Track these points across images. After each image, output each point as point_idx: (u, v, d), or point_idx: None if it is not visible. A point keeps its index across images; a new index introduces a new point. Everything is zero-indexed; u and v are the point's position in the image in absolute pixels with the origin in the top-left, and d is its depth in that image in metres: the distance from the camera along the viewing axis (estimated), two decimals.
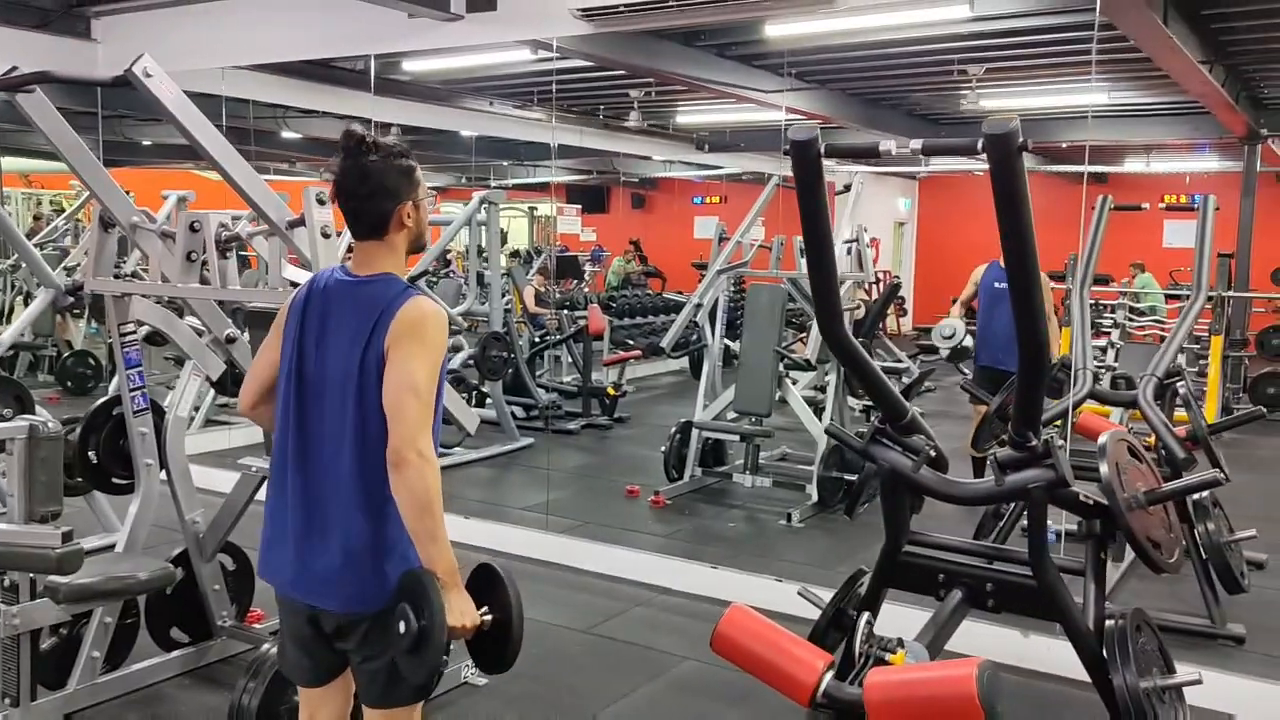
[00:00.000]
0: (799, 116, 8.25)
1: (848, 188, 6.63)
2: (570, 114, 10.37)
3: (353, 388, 2.07)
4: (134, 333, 3.44)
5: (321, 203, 2.92)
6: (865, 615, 2.51)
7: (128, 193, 9.36)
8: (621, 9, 4.53)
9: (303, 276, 3.23)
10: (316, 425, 2.13)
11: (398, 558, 2.09)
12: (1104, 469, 2.88)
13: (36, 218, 12.16)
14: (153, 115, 10.27)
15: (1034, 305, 2.38)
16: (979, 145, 2.20)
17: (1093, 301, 9.14)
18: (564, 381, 9.29)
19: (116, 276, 3.64)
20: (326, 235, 2.92)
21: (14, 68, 2.98)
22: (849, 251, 6.45)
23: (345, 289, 2.15)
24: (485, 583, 2.15)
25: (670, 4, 4.35)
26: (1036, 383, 2.61)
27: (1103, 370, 5.40)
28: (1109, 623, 2.84)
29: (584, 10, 4.64)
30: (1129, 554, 4.53)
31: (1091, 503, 2.98)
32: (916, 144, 2.33)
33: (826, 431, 3.70)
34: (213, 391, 6.99)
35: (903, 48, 7.07)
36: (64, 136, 3.11)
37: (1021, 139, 2.15)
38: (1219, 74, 7.00)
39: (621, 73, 8.09)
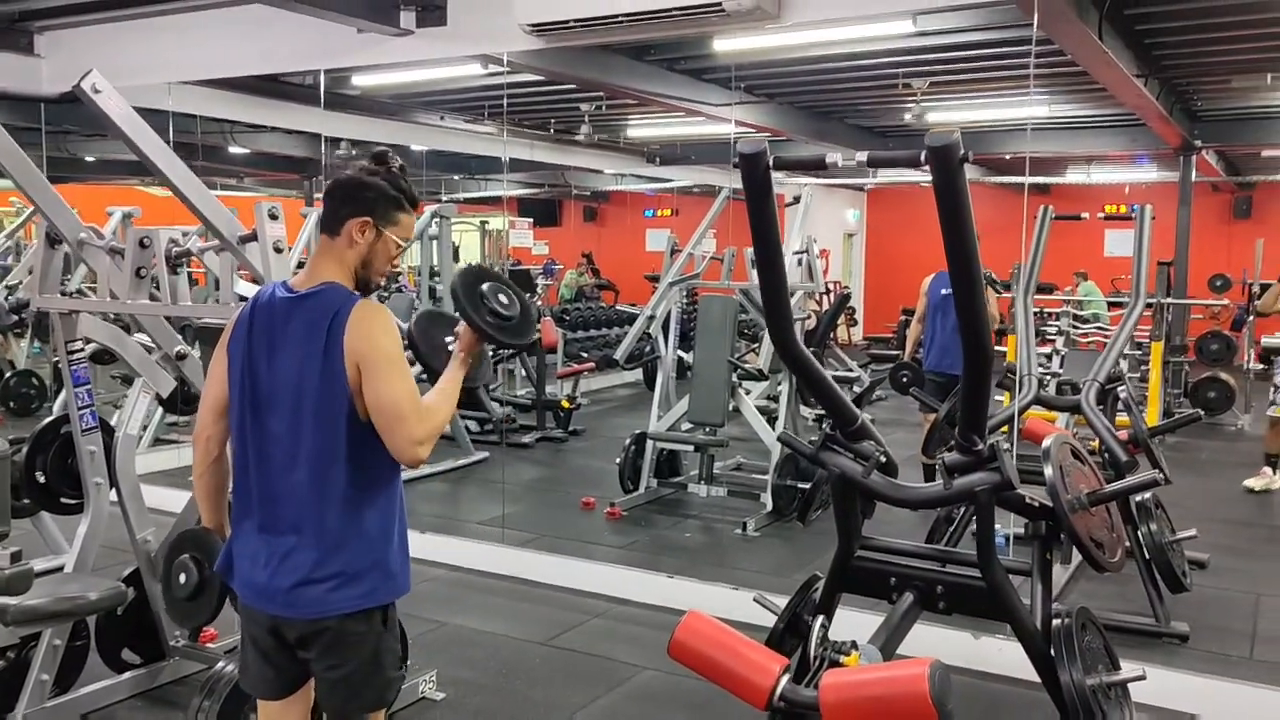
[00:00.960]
0: (748, 130, 8.37)
1: (797, 199, 6.72)
2: (522, 128, 10.41)
3: (310, 401, 2.08)
4: (81, 350, 3.39)
5: (274, 217, 2.92)
6: (820, 619, 2.56)
7: (72, 209, 9.16)
8: (572, 24, 4.56)
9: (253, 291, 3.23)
10: (274, 440, 2.13)
11: (361, 566, 2.11)
12: (1048, 471, 2.96)
13: None
14: (97, 131, 10.20)
15: (977, 311, 2.45)
16: (922, 157, 2.26)
17: (1037, 309, 9.36)
18: (517, 395, 9.27)
19: (63, 294, 3.59)
20: (279, 250, 2.91)
21: None
22: (799, 263, 6.55)
23: (289, 305, 2.16)
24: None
25: (620, 18, 4.39)
26: (982, 388, 2.68)
27: (1047, 376, 5.54)
28: (1055, 622, 2.92)
29: (534, 25, 4.66)
30: (1076, 555, 4.64)
31: (1037, 504, 3.06)
32: (862, 156, 2.39)
33: (779, 439, 3.75)
34: (161, 410, 6.89)
35: (848, 62, 7.20)
36: (9, 151, 3.07)
37: (963, 151, 2.22)
38: (1154, 87, 7.21)
39: (572, 87, 8.14)
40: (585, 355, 10.65)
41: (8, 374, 8.98)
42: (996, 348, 6.23)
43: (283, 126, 9.00)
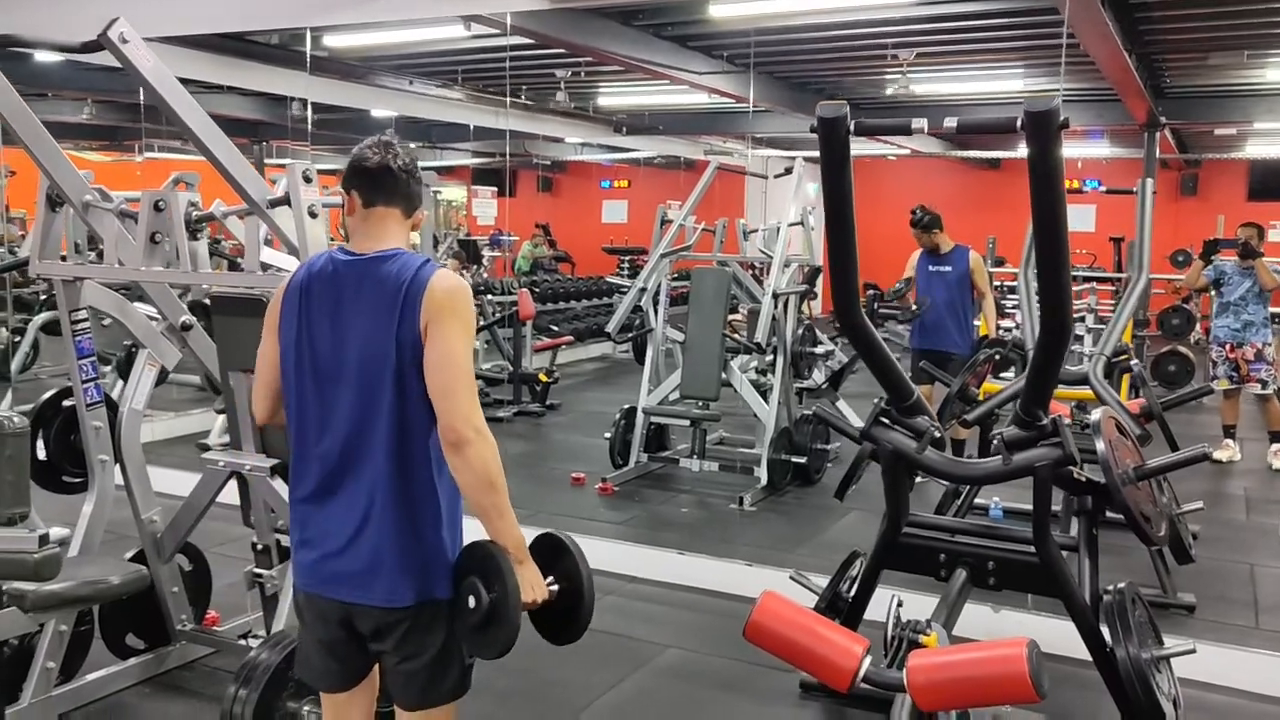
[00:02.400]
0: (730, 99, 8.26)
1: (788, 170, 6.65)
2: (486, 94, 10.16)
3: (389, 370, 1.95)
4: (86, 320, 3.19)
5: (308, 180, 2.75)
6: (895, 598, 2.50)
7: (12, 173, 8.75)
8: None
9: (281, 260, 3.05)
10: (343, 416, 1.99)
11: (437, 551, 2.00)
12: (1100, 446, 2.94)
13: None
14: (37, 90, 9.72)
15: (1062, 284, 2.39)
16: (1018, 123, 2.20)
17: (998, 284, 9.47)
18: (484, 369, 9.10)
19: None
20: (314, 214, 2.75)
21: None
22: (772, 232, 6.43)
23: (356, 268, 2.02)
24: (549, 552, 2.08)
25: None
26: (1053, 362, 2.64)
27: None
28: (1105, 597, 2.91)
29: None
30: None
31: (1085, 479, 3.05)
32: (952, 122, 2.32)
33: (816, 415, 3.69)
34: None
35: (836, 31, 7.13)
36: (11, 105, 2.85)
37: (1063, 118, 2.16)
38: (1134, 62, 7.27)
39: (549, 52, 7.94)
40: (556, 328, 10.51)
41: None
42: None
43: (247, 88, 8.66)
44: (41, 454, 3.28)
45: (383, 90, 9.12)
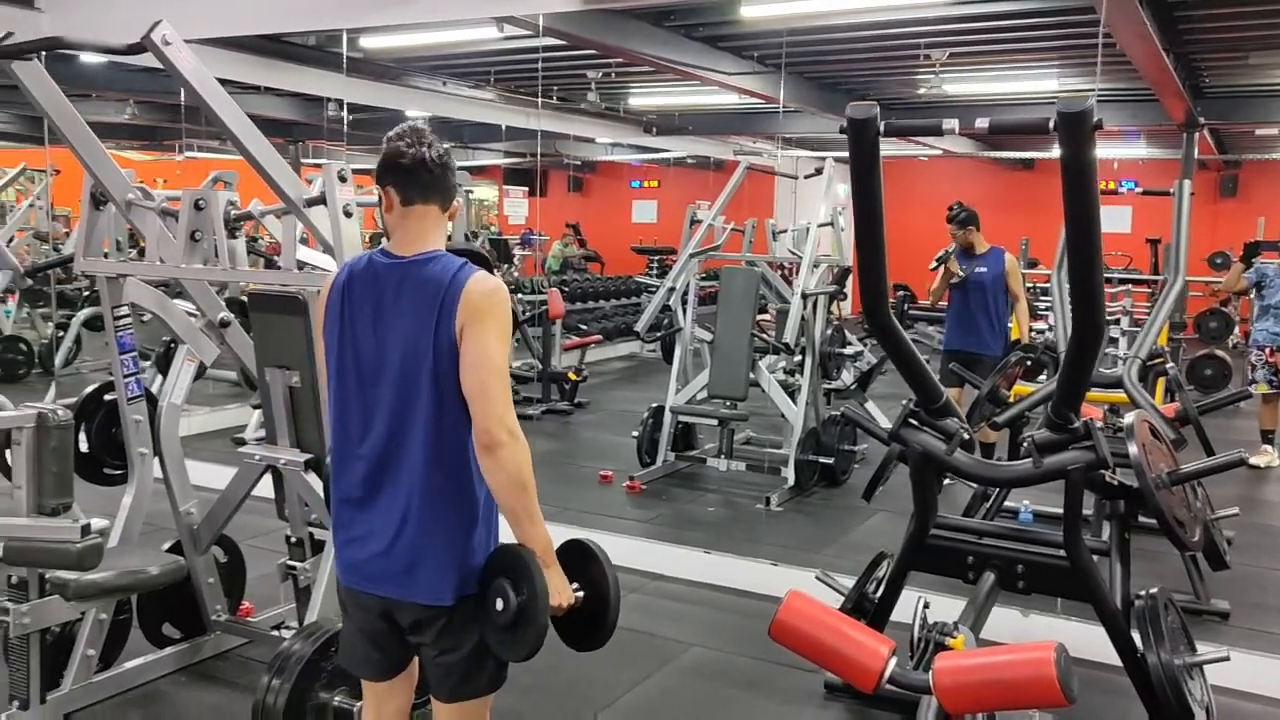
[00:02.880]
0: (760, 100, 8.25)
1: (818, 171, 6.63)
2: (517, 95, 10.21)
3: (426, 371, 1.98)
4: (128, 316, 3.26)
5: (343, 179, 2.80)
6: (922, 600, 2.51)
7: (58, 171, 8.91)
8: None
9: (317, 258, 3.10)
10: (383, 414, 2.03)
11: (472, 549, 2.03)
12: (1132, 449, 2.91)
13: None
14: (81, 91, 9.89)
15: (1095, 286, 2.38)
16: (1051, 124, 2.19)
17: (1030, 286, 9.38)
18: (515, 367, 9.16)
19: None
20: (349, 214, 2.80)
21: (10, 34, 2.78)
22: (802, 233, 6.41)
23: (396, 270, 2.05)
24: (576, 558, 2.10)
25: None
26: (1085, 364, 2.63)
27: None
28: (1137, 602, 2.89)
29: None
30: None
31: (1117, 483, 3.02)
32: (983, 122, 2.32)
33: (843, 415, 3.69)
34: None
35: (867, 31, 7.11)
36: (59, 107, 2.92)
37: (1096, 119, 2.15)
38: (1171, 61, 7.19)
39: (580, 53, 7.98)
40: (584, 327, 10.54)
41: None
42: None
43: (284, 88, 8.77)
44: (84, 446, 3.35)
45: (417, 91, 9.19)
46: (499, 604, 1.94)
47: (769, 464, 6.22)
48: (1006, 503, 4.91)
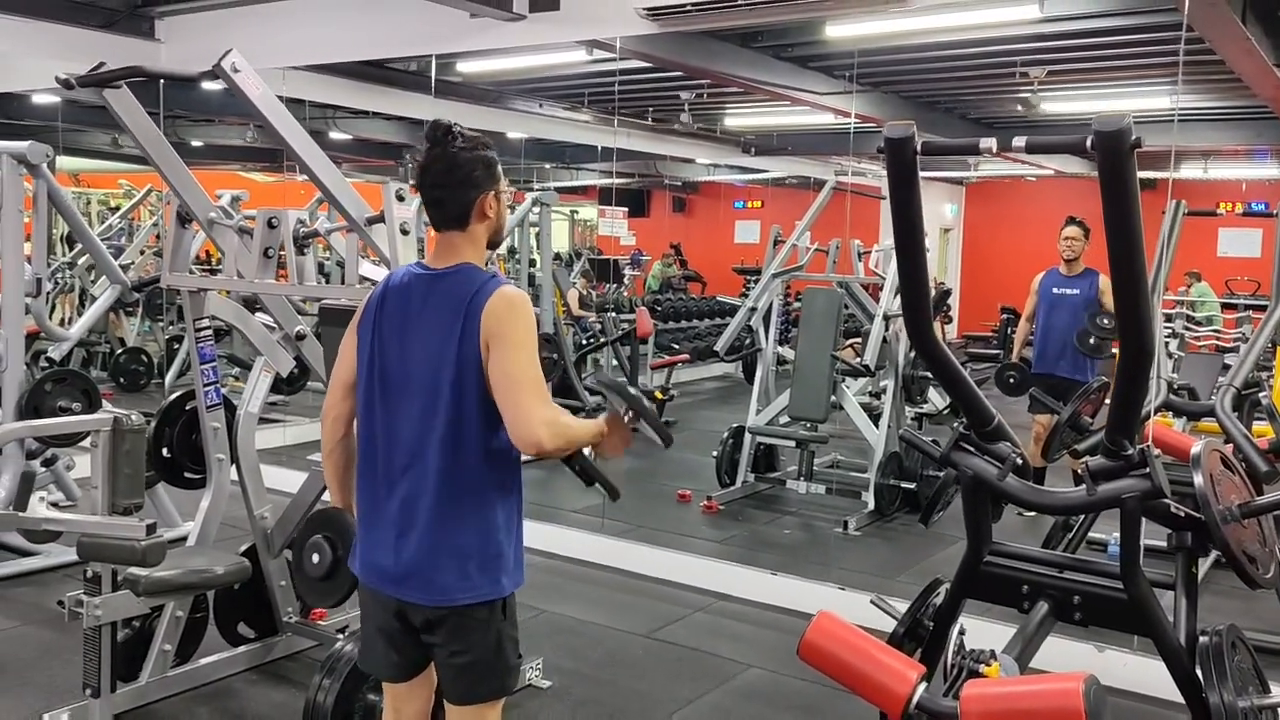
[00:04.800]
0: (856, 121, 8.17)
1: None
2: (619, 116, 10.35)
3: (447, 381, 2.05)
4: (209, 328, 3.45)
5: (401, 199, 2.91)
6: (957, 626, 2.45)
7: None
8: (688, 7, 4.49)
9: (379, 274, 3.23)
10: (404, 421, 2.11)
11: (486, 555, 2.09)
12: (1198, 480, 2.79)
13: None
14: (206, 116, 10.47)
15: (1140, 308, 2.30)
16: (1088, 143, 2.13)
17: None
18: None
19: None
20: (405, 231, 2.91)
21: (101, 63, 3.00)
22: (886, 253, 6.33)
23: (424, 283, 2.13)
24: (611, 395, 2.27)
25: (739, 3, 4.31)
26: (1137, 389, 2.53)
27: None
28: (1202, 639, 2.76)
29: (649, 9, 4.60)
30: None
31: (1183, 514, 2.89)
32: (1020, 141, 2.27)
33: (901, 438, 3.63)
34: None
35: (961, 50, 6.97)
36: (146, 131, 3.12)
37: (1135, 137, 2.09)
38: None
39: (673, 75, 8.05)
40: (677, 346, 10.58)
41: (118, 351, 9.29)
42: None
43: (387, 112, 9.11)
44: (166, 451, 3.55)
45: (514, 113, 9.43)
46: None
47: (850, 487, 6.13)
48: (1094, 534, 4.74)
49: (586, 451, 2.29)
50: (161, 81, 6.94)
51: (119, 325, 9.90)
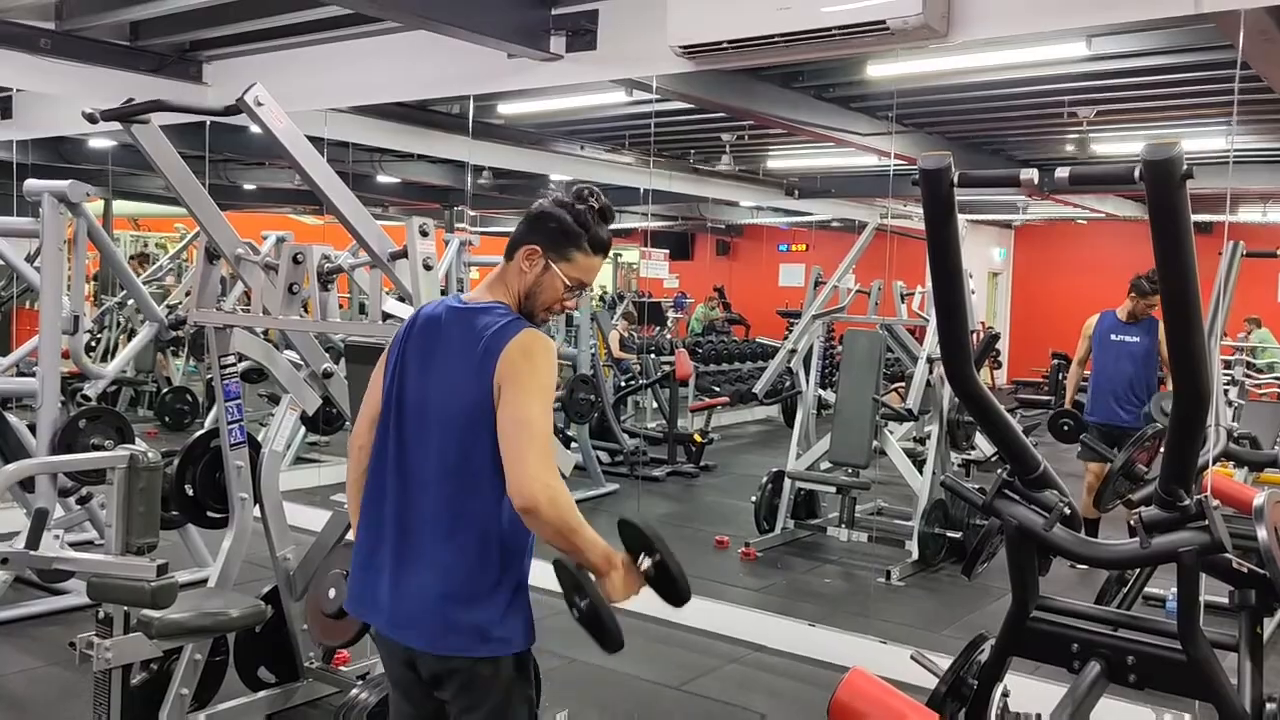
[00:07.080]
0: (900, 162, 8.07)
1: None
2: (659, 158, 10.35)
3: (459, 422, 1.98)
4: (234, 365, 3.41)
5: (424, 234, 2.87)
6: (1002, 686, 2.30)
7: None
8: (724, 46, 4.43)
9: (402, 310, 3.17)
10: (417, 456, 2.03)
11: (500, 607, 1.98)
12: (1261, 534, 2.61)
13: (137, 257, 12.40)
14: (256, 159, 10.65)
15: (1194, 350, 2.16)
16: (1136, 173, 2.01)
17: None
18: (648, 427, 9.15)
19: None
20: (428, 267, 2.86)
21: (131, 99, 3.00)
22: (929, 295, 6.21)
23: (455, 315, 2.08)
24: (634, 534, 2.05)
25: (776, 39, 4.23)
26: (1192, 436, 2.38)
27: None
28: (1269, 705, 2.57)
29: (685, 48, 4.55)
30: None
31: (1246, 570, 2.72)
32: (1063, 172, 2.15)
33: (943, 484, 3.49)
34: (303, 429, 7.02)
35: (1007, 89, 6.87)
36: (174, 167, 3.12)
37: (1185, 167, 1.97)
38: None
39: (714, 116, 8.02)
40: (717, 389, 10.46)
41: (164, 390, 9.39)
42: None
43: (429, 154, 9.19)
44: (189, 489, 3.51)
45: (555, 155, 9.46)
46: (574, 613, 1.99)
47: (878, 533, 5.94)
48: (1150, 589, 4.53)
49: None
50: (208, 124, 7.12)
51: (165, 365, 10.02)
